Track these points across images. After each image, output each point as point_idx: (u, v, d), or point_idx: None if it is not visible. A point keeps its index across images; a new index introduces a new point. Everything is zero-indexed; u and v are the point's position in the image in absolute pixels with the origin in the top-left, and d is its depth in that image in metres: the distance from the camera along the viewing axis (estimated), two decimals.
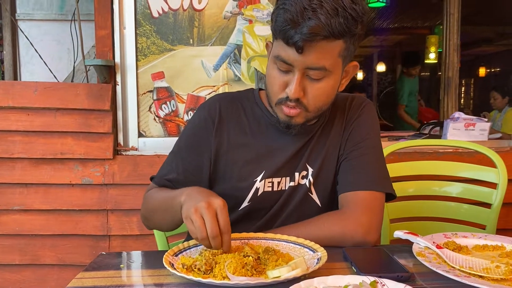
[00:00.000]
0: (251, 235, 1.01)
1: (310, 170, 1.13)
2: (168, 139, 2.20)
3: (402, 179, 1.57)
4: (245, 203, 1.12)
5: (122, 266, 0.93)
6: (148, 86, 2.19)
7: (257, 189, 1.11)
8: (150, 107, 2.20)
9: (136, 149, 2.19)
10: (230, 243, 0.87)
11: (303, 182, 1.13)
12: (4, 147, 2.09)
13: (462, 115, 2.31)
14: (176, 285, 0.81)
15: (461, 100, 9.50)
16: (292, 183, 1.13)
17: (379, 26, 6.90)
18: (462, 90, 9.73)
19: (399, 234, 1.02)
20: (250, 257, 0.84)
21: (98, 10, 2.12)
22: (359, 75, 8.78)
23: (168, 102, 2.20)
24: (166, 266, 0.82)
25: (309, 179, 1.13)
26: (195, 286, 0.79)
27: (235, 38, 2.19)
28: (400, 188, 1.25)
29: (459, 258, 0.89)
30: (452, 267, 0.85)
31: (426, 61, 6.17)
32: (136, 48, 2.16)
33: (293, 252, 0.94)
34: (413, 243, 0.97)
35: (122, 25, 2.15)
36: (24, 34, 2.83)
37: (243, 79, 2.21)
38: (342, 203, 1.10)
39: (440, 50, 4.37)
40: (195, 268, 0.82)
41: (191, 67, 2.20)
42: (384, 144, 1.22)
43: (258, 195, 1.11)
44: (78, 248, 2.15)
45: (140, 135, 2.20)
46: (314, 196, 1.14)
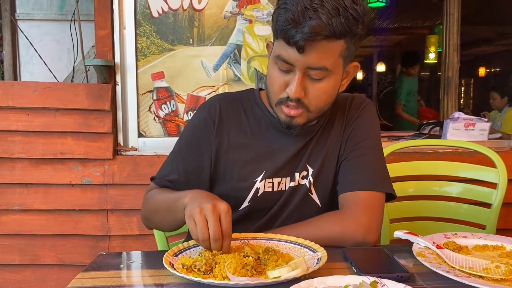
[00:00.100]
0: (251, 235, 1.01)
1: (310, 170, 1.13)
2: (168, 139, 2.20)
3: (402, 179, 1.57)
4: (245, 203, 1.12)
5: (122, 266, 0.93)
6: (148, 86, 2.19)
7: (257, 189, 1.11)
8: (150, 107, 2.20)
9: (136, 149, 2.19)
10: (229, 248, 0.87)
11: (303, 182, 1.13)
12: (4, 147, 2.09)
13: (462, 115, 2.31)
14: (176, 285, 0.81)
15: (461, 100, 9.50)
16: (292, 183, 1.13)
17: (379, 26, 6.90)
18: (462, 90, 9.73)
19: (399, 234, 1.02)
20: (250, 257, 0.84)
21: (98, 10, 2.12)
22: (359, 75, 8.78)
23: (168, 102, 2.20)
24: (166, 266, 0.82)
25: (309, 179, 1.13)
26: (195, 286, 0.79)
27: (235, 38, 2.19)
28: (400, 188, 1.25)
29: (459, 258, 0.89)
30: (452, 267, 0.85)
31: (426, 61, 6.17)
32: (136, 48, 2.16)
33: (293, 252, 0.94)
34: (413, 243, 0.97)
35: (122, 25, 2.15)
36: (24, 34, 2.83)
37: (243, 79, 2.21)
38: (342, 203, 1.10)
39: (440, 50, 4.37)
40: (195, 268, 0.82)
41: (191, 67, 2.20)
42: (384, 144, 1.22)
43: (258, 195, 1.11)
44: (78, 248, 2.15)
45: (140, 135, 2.20)
46: (314, 196, 1.14)
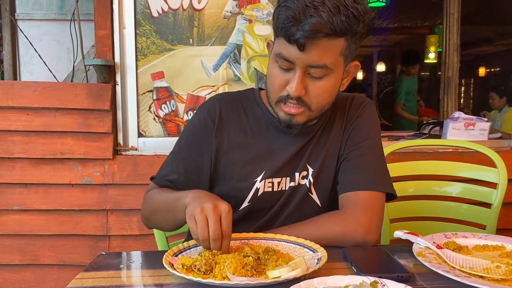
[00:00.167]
0: (251, 235, 1.01)
1: (310, 170, 1.13)
2: (168, 139, 2.19)
3: (402, 179, 1.57)
4: (245, 203, 1.12)
5: (122, 266, 0.93)
6: (147, 86, 2.19)
7: (257, 189, 1.11)
8: (150, 107, 2.20)
9: (136, 149, 2.19)
10: (229, 248, 0.87)
11: (303, 182, 1.13)
12: (4, 147, 2.09)
13: (462, 115, 2.31)
14: (176, 285, 0.80)
15: (461, 100, 9.50)
16: (292, 183, 1.13)
17: (379, 26, 6.90)
18: (462, 90, 9.73)
19: (399, 234, 1.02)
20: (250, 257, 0.84)
21: (97, 10, 2.12)
22: (359, 75, 8.78)
23: (168, 102, 2.20)
24: (166, 266, 0.82)
25: (309, 179, 1.13)
26: (195, 287, 0.79)
27: (235, 38, 2.19)
28: (400, 188, 1.24)
29: (459, 258, 0.89)
30: (452, 267, 0.85)
31: (425, 61, 6.17)
32: (136, 48, 2.16)
33: (293, 252, 0.94)
34: (413, 243, 0.97)
35: (121, 25, 2.15)
36: (23, 34, 2.83)
37: (243, 79, 2.20)
38: (342, 203, 1.10)
39: (440, 50, 4.36)
40: (195, 268, 0.82)
41: (191, 67, 2.19)
42: (384, 143, 1.22)
43: (258, 195, 1.11)
44: (77, 248, 2.15)
45: (140, 135, 2.20)
46: (314, 196, 1.14)
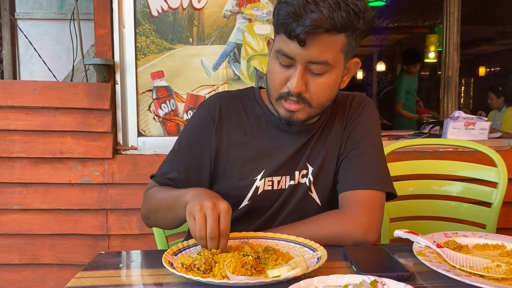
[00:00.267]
0: (250, 234, 1.01)
1: (310, 169, 1.13)
2: (168, 138, 2.19)
3: (402, 178, 1.56)
4: (245, 202, 1.12)
5: (121, 265, 0.93)
6: (147, 85, 2.19)
7: (257, 187, 1.11)
8: (150, 106, 2.19)
9: (136, 148, 2.18)
10: (226, 247, 0.87)
11: (303, 181, 1.13)
12: (3, 147, 2.09)
13: (462, 114, 2.31)
14: (175, 284, 0.80)
15: (461, 100, 9.49)
16: (292, 182, 1.12)
17: (379, 25, 6.89)
18: (462, 90, 9.73)
19: (399, 233, 1.02)
20: (250, 256, 0.83)
21: (97, 9, 2.11)
22: (359, 75, 8.77)
23: (167, 101, 2.19)
24: (166, 265, 0.81)
25: (309, 178, 1.13)
26: (195, 286, 0.79)
27: (235, 37, 2.18)
28: (400, 187, 1.24)
29: (460, 257, 0.89)
30: (453, 266, 0.84)
31: (425, 60, 6.16)
32: (136, 47, 2.16)
33: (293, 251, 0.94)
34: (413, 242, 0.97)
35: (121, 24, 2.14)
36: (23, 33, 2.82)
37: (242, 78, 2.20)
38: (342, 202, 1.10)
39: (440, 50, 4.36)
40: (194, 267, 0.82)
41: (191, 66, 2.19)
42: (384, 143, 1.21)
43: (258, 193, 1.11)
44: (77, 248, 2.15)
45: (140, 134, 2.20)
46: (314, 195, 1.14)
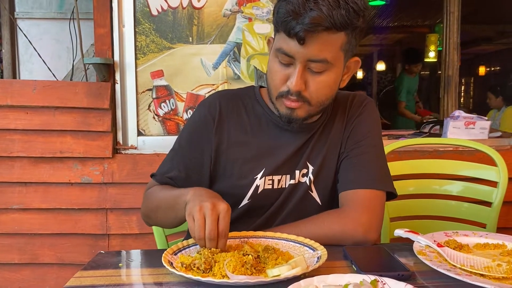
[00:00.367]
0: (250, 233, 1.00)
1: (311, 168, 1.13)
2: (168, 137, 2.19)
3: (402, 177, 1.56)
4: (245, 201, 1.12)
5: (120, 265, 0.92)
6: (147, 85, 2.18)
7: (257, 186, 1.10)
8: (150, 106, 2.19)
9: (136, 147, 2.18)
10: (224, 248, 0.87)
11: (304, 180, 1.13)
12: (3, 146, 2.08)
13: (462, 114, 2.31)
14: (175, 284, 0.80)
15: (461, 99, 9.49)
16: (292, 181, 1.12)
17: (379, 25, 6.88)
18: (462, 89, 9.72)
19: (399, 233, 1.01)
20: (250, 255, 0.83)
21: (97, 9, 2.11)
22: (359, 74, 8.77)
23: (167, 101, 2.19)
24: (165, 265, 0.81)
25: (309, 177, 1.13)
26: (194, 285, 0.78)
27: (235, 36, 2.18)
28: (400, 187, 1.24)
29: (460, 256, 0.88)
30: (453, 265, 0.84)
31: (425, 59, 6.16)
32: (135, 46, 2.16)
33: (293, 250, 0.94)
34: (413, 241, 0.97)
35: (121, 23, 2.14)
36: (23, 33, 2.82)
37: (242, 78, 2.20)
38: (342, 201, 1.10)
39: (440, 49, 4.36)
40: (194, 267, 0.82)
41: (191, 65, 2.19)
42: (384, 142, 1.21)
43: (258, 192, 1.11)
44: (77, 247, 2.15)
45: (140, 133, 2.19)
46: (314, 194, 1.14)
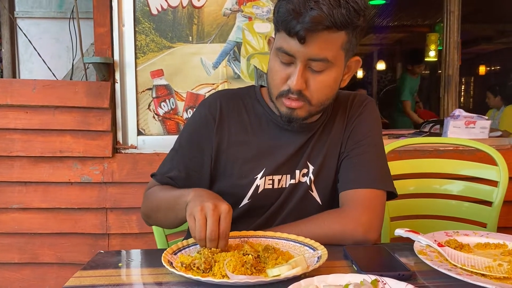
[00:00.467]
0: (250, 233, 1.00)
1: (311, 167, 1.12)
2: (168, 137, 2.19)
3: (402, 177, 1.56)
4: (245, 201, 1.11)
5: (120, 264, 0.92)
6: (147, 84, 2.18)
7: (257, 186, 1.10)
8: (149, 105, 2.19)
9: (136, 147, 2.18)
10: (224, 249, 0.87)
11: (304, 180, 1.13)
12: (2, 145, 2.08)
13: (463, 113, 2.30)
14: (174, 283, 0.80)
15: (461, 99, 9.48)
16: (292, 181, 1.12)
17: (379, 24, 6.88)
18: (462, 89, 9.72)
19: (400, 232, 1.01)
20: (250, 255, 0.83)
21: (96, 8, 2.11)
22: (359, 73, 8.77)
23: (167, 100, 2.19)
24: (165, 264, 0.81)
25: (309, 177, 1.12)
26: (194, 285, 0.78)
27: (235, 36, 2.18)
28: (400, 186, 1.24)
29: (461, 256, 0.88)
30: (454, 265, 0.84)
31: (426, 59, 6.17)
32: (135, 45, 2.15)
33: (293, 250, 0.93)
34: (414, 241, 0.96)
35: (121, 22, 2.14)
36: (23, 32, 2.82)
37: (242, 77, 2.19)
38: (342, 201, 1.09)
39: (440, 48, 4.36)
40: (194, 266, 0.82)
41: (191, 64, 2.19)
42: (384, 142, 1.21)
43: (259, 192, 1.11)
44: (77, 247, 2.14)
45: (139, 133, 2.19)
46: (315, 194, 1.13)
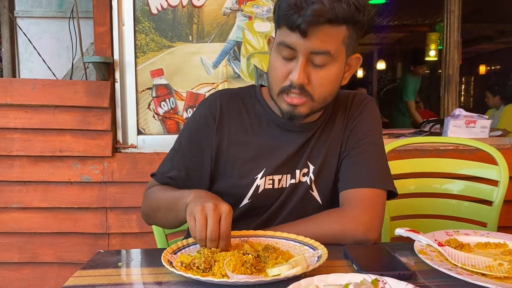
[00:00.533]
0: (250, 232, 1.00)
1: (311, 167, 1.12)
2: (168, 136, 2.19)
3: (402, 176, 1.56)
4: (245, 201, 1.11)
5: (120, 264, 0.92)
6: (147, 83, 2.18)
7: (257, 186, 1.10)
8: (149, 105, 2.19)
9: (135, 146, 2.18)
10: (225, 249, 0.87)
11: (304, 179, 1.12)
12: (2, 145, 2.08)
13: (463, 112, 2.30)
14: (174, 283, 0.80)
15: (461, 98, 9.48)
16: (293, 181, 1.12)
17: (379, 24, 6.88)
18: (462, 88, 9.72)
19: (400, 232, 1.01)
20: (250, 255, 0.83)
21: (96, 7, 2.11)
22: (360, 73, 8.77)
23: (167, 100, 2.19)
24: (165, 264, 0.81)
25: (310, 177, 1.12)
26: (194, 285, 0.78)
27: (235, 35, 2.18)
28: (400, 186, 1.24)
29: (461, 255, 0.88)
30: (454, 265, 0.84)
31: (426, 58, 6.17)
32: (135, 45, 2.15)
33: (293, 250, 0.93)
34: (414, 240, 0.96)
35: (120, 22, 2.13)
36: (22, 32, 2.82)
37: (242, 76, 2.19)
38: (342, 200, 1.09)
39: (441, 48, 4.36)
40: (193, 266, 0.81)
41: (190, 64, 2.18)
42: (384, 141, 1.21)
43: (259, 192, 1.10)
44: (77, 246, 2.14)
45: (139, 132, 2.19)
46: (315, 194, 1.13)
